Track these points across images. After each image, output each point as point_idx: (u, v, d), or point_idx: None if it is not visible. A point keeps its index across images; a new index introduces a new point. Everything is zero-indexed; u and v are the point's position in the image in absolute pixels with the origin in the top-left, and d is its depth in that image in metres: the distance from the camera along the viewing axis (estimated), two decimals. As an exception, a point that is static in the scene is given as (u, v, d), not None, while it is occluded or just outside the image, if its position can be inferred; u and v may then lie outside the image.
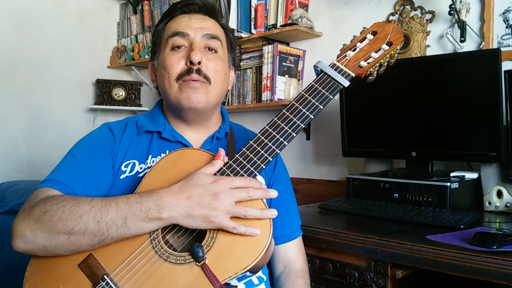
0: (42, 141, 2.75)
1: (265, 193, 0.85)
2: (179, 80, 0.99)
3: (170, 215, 0.81)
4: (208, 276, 0.79)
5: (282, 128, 0.89)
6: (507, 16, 1.59)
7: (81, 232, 0.80)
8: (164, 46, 1.05)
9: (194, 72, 0.98)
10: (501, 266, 0.91)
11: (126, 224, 0.80)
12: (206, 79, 1.00)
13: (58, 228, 0.81)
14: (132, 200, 0.82)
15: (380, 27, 0.98)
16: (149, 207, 0.80)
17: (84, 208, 0.82)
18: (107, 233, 0.80)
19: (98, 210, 0.81)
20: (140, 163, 1.01)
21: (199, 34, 1.02)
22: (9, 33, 2.63)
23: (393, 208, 1.38)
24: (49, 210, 0.82)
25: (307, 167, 2.21)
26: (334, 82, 0.92)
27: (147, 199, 0.82)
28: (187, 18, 1.04)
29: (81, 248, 0.82)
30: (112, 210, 0.81)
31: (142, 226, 0.81)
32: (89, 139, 1.03)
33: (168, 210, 0.80)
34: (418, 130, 1.55)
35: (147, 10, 2.95)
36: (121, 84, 2.97)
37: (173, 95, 1.00)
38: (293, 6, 2.13)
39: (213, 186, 0.82)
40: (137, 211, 0.80)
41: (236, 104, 2.34)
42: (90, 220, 0.80)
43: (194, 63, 0.98)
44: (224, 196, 0.81)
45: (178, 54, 1.01)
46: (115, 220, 0.80)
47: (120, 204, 0.82)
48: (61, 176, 0.93)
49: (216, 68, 1.02)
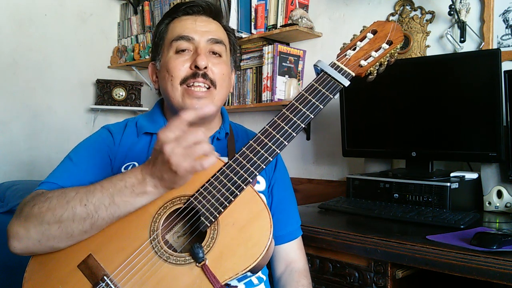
0: (42, 141, 2.75)
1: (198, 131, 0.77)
2: (183, 84, 0.99)
3: (153, 185, 0.79)
4: (208, 277, 0.79)
5: (282, 128, 0.88)
6: (507, 17, 1.59)
7: (70, 218, 0.80)
8: (167, 48, 1.03)
9: (200, 76, 0.98)
10: (501, 266, 0.91)
11: (114, 202, 0.80)
12: (211, 84, 1.00)
13: (47, 219, 0.81)
14: (115, 179, 0.81)
15: (380, 26, 0.97)
16: (132, 183, 0.80)
17: (70, 195, 0.82)
18: (97, 214, 0.80)
19: (84, 194, 0.81)
20: (140, 164, 1.00)
21: (204, 38, 1.02)
22: (9, 33, 2.63)
23: (393, 208, 1.38)
24: (37, 203, 0.83)
25: (307, 167, 2.21)
26: (334, 82, 0.91)
27: (129, 175, 0.81)
28: (192, 21, 1.03)
29: (74, 235, 0.81)
30: (97, 192, 0.81)
31: (131, 202, 0.80)
32: (87, 142, 1.03)
33: (148, 181, 0.79)
34: (418, 130, 1.55)
35: (148, 10, 2.96)
36: (121, 84, 2.97)
37: (176, 99, 1.00)
38: (293, 6, 2.13)
39: (158, 146, 0.76)
40: (123, 188, 0.80)
41: (236, 104, 2.34)
42: (77, 204, 0.80)
43: (200, 68, 0.98)
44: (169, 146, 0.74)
45: (183, 57, 1.00)
46: (102, 201, 0.80)
47: (104, 185, 0.81)
48: (58, 178, 0.94)
49: (221, 72, 1.02)
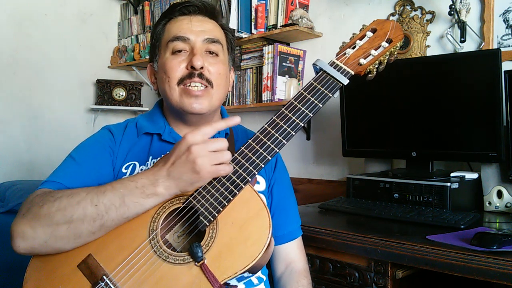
0: (42, 141, 2.75)
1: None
2: (180, 85, 0.99)
3: (165, 186, 0.80)
4: (207, 276, 0.79)
5: (281, 127, 0.88)
6: (507, 17, 1.59)
7: (80, 219, 0.80)
8: (164, 49, 1.04)
9: (196, 76, 0.98)
10: (501, 266, 0.91)
11: (124, 203, 0.80)
12: (208, 83, 1.00)
13: (57, 219, 0.80)
14: (126, 180, 0.82)
15: (379, 24, 0.96)
16: (143, 183, 0.80)
17: (80, 195, 0.82)
18: (107, 215, 0.80)
19: (95, 194, 0.81)
20: (141, 164, 1.01)
21: (200, 38, 1.01)
22: (10, 33, 2.63)
23: (393, 208, 1.37)
24: (46, 203, 0.82)
25: (307, 167, 2.21)
26: (334, 80, 0.90)
27: (141, 176, 0.82)
28: (187, 21, 1.03)
29: (82, 237, 0.81)
30: (108, 192, 0.81)
31: (141, 203, 0.81)
32: (89, 142, 1.03)
33: (161, 182, 0.80)
34: (418, 130, 1.55)
35: (148, 10, 2.96)
36: (121, 84, 2.97)
37: (175, 99, 1.00)
38: (294, 6, 2.13)
39: (183, 146, 0.79)
40: (133, 189, 0.80)
41: (237, 104, 2.34)
42: (88, 205, 0.80)
43: (196, 68, 0.98)
44: (197, 148, 0.78)
45: (179, 58, 1.01)
46: (113, 201, 0.80)
47: (115, 185, 0.82)
48: (61, 177, 0.93)
49: (218, 72, 1.02)
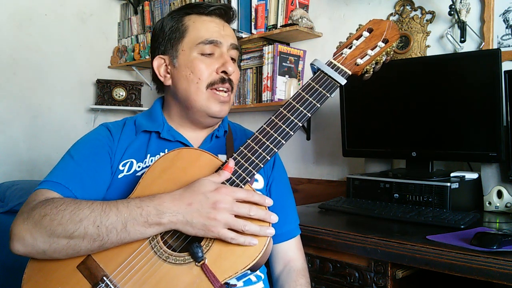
0: (42, 141, 2.75)
1: (266, 215, 0.83)
2: (209, 88, 1.00)
3: (169, 221, 0.80)
4: (208, 276, 0.79)
5: (280, 127, 0.88)
6: (507, 17, 1.59)
7: (80, 237, 0.80)
8: (190, 47, 1.01)
9: (227, 82, 1.01)
10: (501, 266, 0.91)
11: (126, 228, 0.80)
12: (231, 88, 1.03)
13: (58, 232, 0.80)
14: (133, 205, 0.81)
15: (376, 24, 0.97)
16: (149, 212, 0.80)
17: (84, 212, 0.81)
18: (107, 237, 0.80)
19: (98, 214, 0.80)
20: (138, 162, 1.01)
21: (227, 43, 1.03)
22: (9, 33, 2.63)
23: (393, 208, 1.37)
24: (48, 213, 0.82)
25: (307, 167, 2.21)
26: (331, 80, 0.91)
27: (148, 203, 0.81)
28: (217, 25, 1.03)
29: (80, 253, 0.82)
30: (112, 215, 0.80)
31: (142, 231, 0.80)
32: (87, 139, 1.03)
33: (168, 215, 0.80)
34: (418, 130, 1.55)
35: (148, 10, 2.96)
36: (121, 84, 2.97)
37: (200, 101, 1.01)
38: (294, 6, 2.13)
39: (214, 195, 0.81)
40: (138, 216, 0.80)
41: (237, 104, 2.34)
42: (90, 224, 0.80)
43: (229, 74, 1.00)
44: (224, 207, 0.80)
45: (209, 60, 1.01)
46: (115, 225, 0.80)
47: (120, 208, 0.81)
48: (59, 177, 0.93)
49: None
